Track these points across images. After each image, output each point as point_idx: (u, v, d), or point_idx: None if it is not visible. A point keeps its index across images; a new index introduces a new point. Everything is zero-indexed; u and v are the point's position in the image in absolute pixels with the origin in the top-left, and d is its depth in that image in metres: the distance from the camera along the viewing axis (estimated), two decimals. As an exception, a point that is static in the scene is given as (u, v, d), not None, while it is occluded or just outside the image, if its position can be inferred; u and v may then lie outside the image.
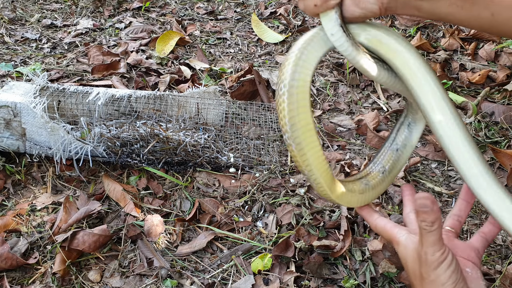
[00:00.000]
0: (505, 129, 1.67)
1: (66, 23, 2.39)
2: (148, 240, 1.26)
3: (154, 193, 1.41)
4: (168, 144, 1.45)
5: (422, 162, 1.56)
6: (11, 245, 1.20)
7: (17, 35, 2.26)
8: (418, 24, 2.31)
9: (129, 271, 1.19)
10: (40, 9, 2.52)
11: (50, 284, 1.14)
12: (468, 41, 2.18)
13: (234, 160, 1.49)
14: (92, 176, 1.46)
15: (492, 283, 1.12)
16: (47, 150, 1.44)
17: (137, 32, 2.31)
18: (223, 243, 1.27)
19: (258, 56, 2.13)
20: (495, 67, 1.99)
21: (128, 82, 1.90)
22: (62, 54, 2.11)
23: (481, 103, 1.78)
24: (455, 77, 1.96)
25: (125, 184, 1.42)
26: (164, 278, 1.16)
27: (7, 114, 1.42)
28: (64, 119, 1.51)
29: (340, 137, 1.66)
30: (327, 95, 1.86)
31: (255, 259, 1.19)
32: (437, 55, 2.08)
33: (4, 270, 1.16)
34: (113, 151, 1.45)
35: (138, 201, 1.37)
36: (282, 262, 1.19)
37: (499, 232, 0.63)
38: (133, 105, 1.58)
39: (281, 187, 1.42)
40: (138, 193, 1.39)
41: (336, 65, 2.02)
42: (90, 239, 1.20)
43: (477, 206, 1.40)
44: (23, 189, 1.42)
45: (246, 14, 2.47)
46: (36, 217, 1.32)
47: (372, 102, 1.85)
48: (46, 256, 1.20)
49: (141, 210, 1.35)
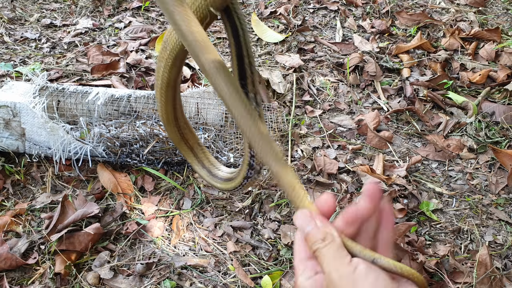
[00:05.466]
0: (505, 129, 1.67)
1: (66, 22, 2.39)
2: (147, 240, 1.25)
3: (152, 191, 1.41)
4: (167, 144, 1.45)
5: (423, 162, 1.55)
6: (11, 246, 1.19)
7: (16, 34, 2.25)
8: (419, 24, 2.30)
9: (129, 271, 1.18)
10: (40, 8, 2.52)
11: (49, 285, 1.14)
12: (469, 40, 2.18)
13: (234, 160, 1.48)
14: (92, 175, 1.46)
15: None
16: (46, 150, 1.43)
17: (136, 32, 2.30)
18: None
19: (258, 56, 2.13)
20: (496, 67, 1.98)
21: (128, 82, 1.90)
22: (61, 54, 2.11)
23: (481, 103, 1.77)
24: (456, 77, 1.95)
25: (124, 182, 1.42)
26: (164, 279, 1.15)
27: (6, 114, 1.41)
28: (64, 119, 1.51)
29: (340, 137, 1.65)
30: (327, 95, 1.86)
31: (265, 278, 1.18)
32: (437, 55, 2.07)
33: (3, 270, 1.16)
34: (113, 151, 1.44)
35: (134, 201, 1.36)
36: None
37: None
38: (133, 105, 1.57)
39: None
40: (135, 190, 1.39)
41: (336, 65, 2.02)
42: (85, 239, 1.20)
43: (478, 206, 1.40)
44: (23, 189, 1.42)
45: (246, 13, 2.47)
46: (36, 217, 1.32)
47: (372, 102, 1.84)
48: (45, 257, 1.20)
49: (141, 209, 1.35)
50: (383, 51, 2.11)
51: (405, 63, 2.02)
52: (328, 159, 1.54)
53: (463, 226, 1.35)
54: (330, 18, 2.39)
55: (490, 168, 1.54)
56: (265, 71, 1.94)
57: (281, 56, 2.09)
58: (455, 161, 1.57)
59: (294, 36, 2.24)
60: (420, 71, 1.99)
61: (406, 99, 1.83)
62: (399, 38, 2.21)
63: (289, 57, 2.06)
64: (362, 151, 1.59)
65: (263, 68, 1.98)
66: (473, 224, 1.34)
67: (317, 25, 2.33)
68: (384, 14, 2.39)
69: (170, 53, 0.58)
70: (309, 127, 1.70)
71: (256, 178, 0.67)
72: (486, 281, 1.18)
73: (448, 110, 1.78)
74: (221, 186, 0.73)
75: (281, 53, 2.13)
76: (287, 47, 2.16)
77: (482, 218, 1.35)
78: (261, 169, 0.64)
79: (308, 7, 2.48)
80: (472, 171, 1.53)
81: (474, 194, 1.45)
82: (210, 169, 0.76)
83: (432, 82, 1.89)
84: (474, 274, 1.20)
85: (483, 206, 1.41)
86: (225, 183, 0.72)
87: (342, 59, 2.05)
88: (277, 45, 2.20)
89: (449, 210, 1.39)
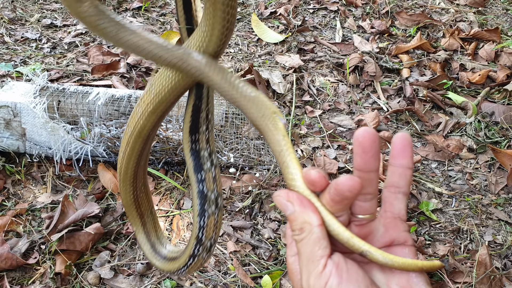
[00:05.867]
0: (505, 129, 1.67)
1: (66, 23, 2.39)
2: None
3: (152, 191, 1.41)
4: (168, 144, 1.45)
5: (422, 162, 1.56)
6: (11, 245, 1.20)
7: (17, 35, 2.25)
8: (418, 24, 2.31)
9: (130, 271, 1.19)
10: (40, 9, 2.52)
11: (49, 284, 1.14)
12: (468, 41, 2.18)
13: (234, 160, 1.49)
14: (92, 174, 1.46)
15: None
16: (47, 150, 1.44)
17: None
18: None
19: (258, 56, 2.13)
20: (495, 67, 1.98)
21: (128, 82, 1.90)
22: (62, 54, 2.11)
23: (481, 103, 1.78)
24: (455, 77, 1.96)
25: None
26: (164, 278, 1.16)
27: (7, 114, 1.42)
28: (64, 119, 1.51)
29: (340, 137, 1.66)
30: (327, 95, 1.86)
31: (265, 278, 1.19)
32: (437, 55, 2.08)
33: (4, 270, 1.16)
34: (113, 151, 1.45)
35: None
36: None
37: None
38: (133, 105, 1.57)
39: (281, 186, 1.42)
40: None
41: (336, 65, 2.02)
42: (86, 239, 1.20)
43: (477, 206, 1.40)
44: (23, 189, 1.42)
45: (246, 14, 2.47)
46: (36, 217, 1.32)
47: (372, 102, 1.85)
48: (45, 256, 1.20)
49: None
50: (383, 51, 2.11)
51: (404, 63, 2.03)
52: (328, 159, 1.54)
53: (463, 226, 1.35)
54: (330, 18, 2.39)
55: (489, 168, 1.54)
56: (265, 71, 1.95)
57: (281, 56, 2.09)
58: (454, 161, 1.57)
59: (294, 37, 2.24)
60: (419, 71, 1.99)
61: (405, 99, 1.83)
62: (399, 39, 2.22)
63: (289, 57, 2.06)
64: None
65: (263, 69, 1.99)
66: (473, 224, 1.35)
67: (317, 26, 2.33)
68: (384, 14, 2.39)
69: (154, 98, 0.51)
70: (309, 127, 1.70)
71: (205, 258, 0.55)
72: (486, 281, 1.18)
73: (448, 110, 1.78)
74: (161, 266, 0.62)
75: (281, 53, 2.13)
76: (287, 47, 2.17)
77: (481, 218, 1.36)
78: (211, 247, 0.54)
79: (308, 7, 2.49)
80: (472, 171, 1.53)
81: (474, 194, 1.45)
82: (155, 243, 0.65)
83: (431, 82, 1.90)
84: (473, 274, 1.20)
85: (482, 206, 1.41)
86: (167, 262, 0.61)
87: (342, 60, 2.06)
88: (277, 45, 2.21)
89: (448, 210, 1.40)
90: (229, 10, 0.42)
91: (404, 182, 0.41)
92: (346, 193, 0.38)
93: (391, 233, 0.42)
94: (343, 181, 0.37)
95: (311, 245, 0.39)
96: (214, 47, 0.45)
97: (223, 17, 0.42)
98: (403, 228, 0.42)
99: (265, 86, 1.83)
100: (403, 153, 0.41)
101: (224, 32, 0.44)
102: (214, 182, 0.53)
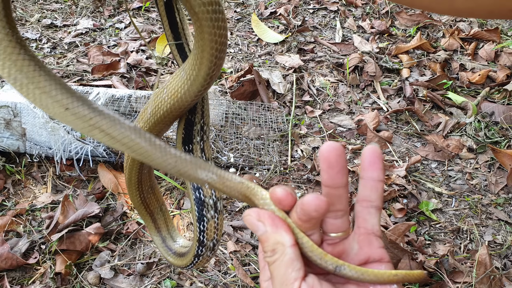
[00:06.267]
0: (505, 129, 1.67)
1: (66, 23, 2.39)
2: (148, 240, 1.26)
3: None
4: (168, 144, 1.45)
5: (422, 162, 1.56)
6: (11, 245, 1.20)
7: (17, 35, 2.25)
8: (418, 24, 2.31)
9: (130, 271, 1.19)
10: (40, 9, 2.52)
11: (50, 284, 1.14)
12: (468, 41, 2.18)
13: (234, 160, 1.49)
14: (92, 174, 1.46)
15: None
16: (47, 150, 1.44)
17: (137, 32, 2.31)
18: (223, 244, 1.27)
19: (258, 56, 2.13)
20: (495, 67, 1.99)
21: (128, 82, 1.90)
22: (62, 54, 2.11)
23: (481, 103, 1.78)
24: (455, 77, 1.96)
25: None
26: (164, 278, 1.16)
27: (7, 114, 1.42)
28: (64, 119, 1.51)
29: (340, 137, 1.66)
30: (327, 95, 1.86)
31: None
32: (437, 55, 2.08)
33: (4, 270, 1.16)
34: (113, 151, 1.45)
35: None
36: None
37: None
38: (133, 105, 1.57)
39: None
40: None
41: (336, 65, 2.02)
42: (86, 239, 1.21)
43: (477, 206, 1.40)
44: (23, 189, 1.42)
45: (246, 14, 2.47)
46: (36, 217, 1.32)
47: (372, 102, 1.85)
48: (45, 256, 1.20)
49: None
50: (383, 51, 2.11)
51: (404, 63, 2.03)
52: (328, 159, 1.54)
53: (463, 226, 1.35)
54: (330, 18, 2.40)
55: (489, 168, 1.55)
56: (265, 71, 1.95)
57: (281, 56, 2.09)
58: (454, 161, 1.57)
59: (294, 37, 2.25)
60: (419, 71, 1.99)
61: (405, 99, 1.83)
62: (399, 39, 2.22)
63: (289, 58, 2.06)
64: (362, 151, 1.60)
65: (263, 69, 1.99)
66: (473, 224, 1.35)
67: (317, 26, 2.33)
68: (383, 14, 2.39)
69: (150, 118, 0.51)
70: (309, 127, 1.70)
71: (210, 256, 0.57)
72: (486, 281, 1.19)
73: (448, 110, 1.78)
74: (172, 260, 0.66)
75: (281, 53, 2.14)
76: (287, 47, 2.17)
77: (481, 218, 1.36)
78: (215, 246, 0.56)
79: (308, 7, 2.49)
80: (472, 171, 1.53)
81: (474, 194, 1.45)
82: (166, 239, 0.69)
83: (431, 82, 1.90)
84: (473, 273, 1.20)
85: (482, 206, 1.41)
86: (177, 258, 0.65)
87: (342, 60, 2.06)
88: (277, 45, 2.21)
89: (448, 210, 1.40)
90: (217, 54, 0.41)
91: (376, 195, 0.40)
92: (313, 213, 0.36)
93: (366, 251, 0.40)
94: (309, 201, 0.36)
95: (284, 267, 0.37)
96: (201, 81, 0.45)
97: (210, 59, 0.42)
98: (378, 244, 0.40)
99: (265, 86, 1.83)
100: (373, 165, 0.40)
101: (209, 74, 0.44)
102: (211, 189, 0.54)
